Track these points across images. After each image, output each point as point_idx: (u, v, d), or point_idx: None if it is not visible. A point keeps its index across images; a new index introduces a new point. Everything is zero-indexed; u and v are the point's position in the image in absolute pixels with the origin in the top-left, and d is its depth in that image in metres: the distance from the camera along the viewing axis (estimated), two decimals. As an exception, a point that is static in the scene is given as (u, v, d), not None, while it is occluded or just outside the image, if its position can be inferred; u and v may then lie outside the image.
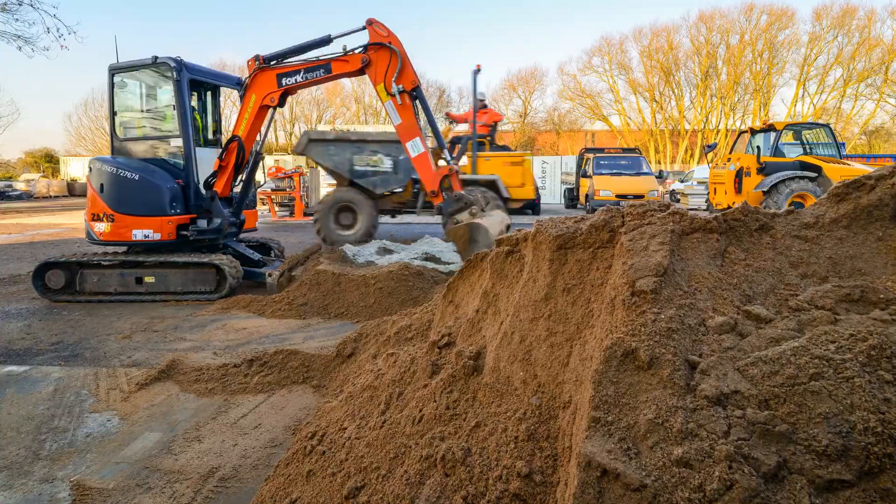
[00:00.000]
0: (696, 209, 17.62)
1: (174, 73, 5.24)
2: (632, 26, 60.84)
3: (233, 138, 5.21)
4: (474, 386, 1.59)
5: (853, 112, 35.60)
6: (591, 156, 15.50)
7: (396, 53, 4.43)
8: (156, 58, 5.29)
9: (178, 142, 5.41)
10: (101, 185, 5.19)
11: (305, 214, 14.49)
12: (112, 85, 5.51)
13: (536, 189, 15.09)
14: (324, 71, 4.82)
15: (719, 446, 0.97)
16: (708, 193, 12.16)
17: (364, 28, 4.56)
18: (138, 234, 5.18)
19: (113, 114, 5.59)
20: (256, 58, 4.99)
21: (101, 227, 5.20)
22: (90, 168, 5.35)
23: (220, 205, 5.41)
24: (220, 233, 5.44)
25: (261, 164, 6.19)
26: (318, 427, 1.99)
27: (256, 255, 5.99)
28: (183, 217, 5.36)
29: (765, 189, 9.73)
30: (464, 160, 9.00)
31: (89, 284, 5.25)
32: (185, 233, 5.34)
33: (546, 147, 40.31)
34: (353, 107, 42.97)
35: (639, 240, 1.40)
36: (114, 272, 5.23)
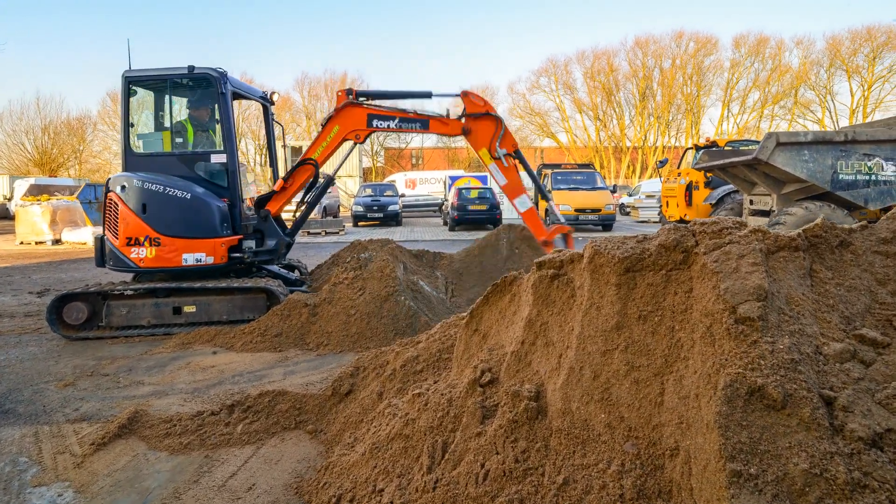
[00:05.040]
0: (646, 221, 18.51)
1: (219, 86, 4.87)
2: (575, 49, 64.42)
3: (306, 161, 5.09)
4: (543, 432, 1.39)
5: (770, 131, 39.35)
6: (548, 171, 15.94)
7: (499, 121, 5.00)
8: (192, 67, 4.84)
9: (221, 158, 4.96)
10: (144, 205, 4.60)
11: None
12: (128, 94, 4.93)
13: (497, 205, 15.30)
14: (420, 126, 5.02)
15: (899, 500, 0.84)
16: (660, 206, 12.74)
17: (458, 96, 5.03)
18: (189, 259, 4.67)
19: (128, 126, 4.97)
20: (348, 91, 5.05)
21: (143, 252, 4.62)
22: (121, 186, 4.67)
23: (274, 224, 5.24)
24: (275, 253, 5.22)
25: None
26: (342, 489, 1.70)
27: (293, 275, 5.56)
28: (233, 238, 4.93)
29: (713, 202, 10.32)
30: None
31: (116, 318, 4.66)
32: (236, 255, 4.93)
33: (498, 164, 41.18)
34: (304, 122, 42.01)
35: (725, 261, 1.28)
36: (146, 302, 4.68)
